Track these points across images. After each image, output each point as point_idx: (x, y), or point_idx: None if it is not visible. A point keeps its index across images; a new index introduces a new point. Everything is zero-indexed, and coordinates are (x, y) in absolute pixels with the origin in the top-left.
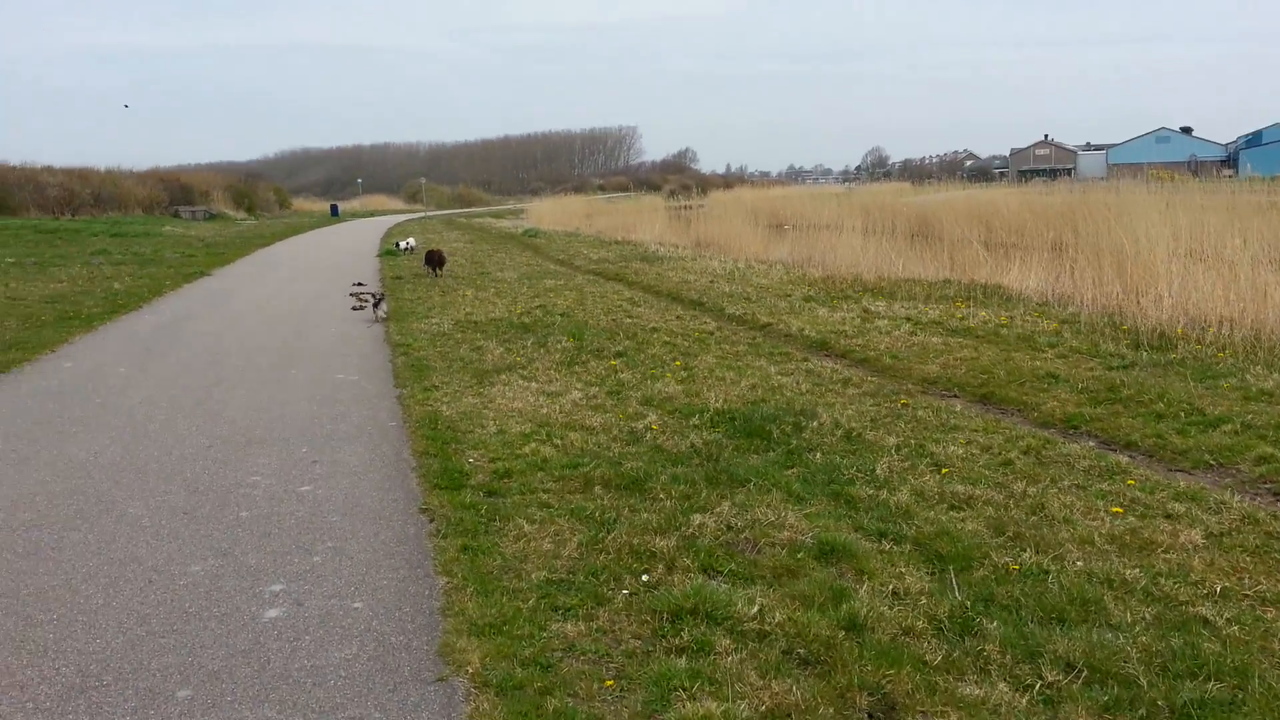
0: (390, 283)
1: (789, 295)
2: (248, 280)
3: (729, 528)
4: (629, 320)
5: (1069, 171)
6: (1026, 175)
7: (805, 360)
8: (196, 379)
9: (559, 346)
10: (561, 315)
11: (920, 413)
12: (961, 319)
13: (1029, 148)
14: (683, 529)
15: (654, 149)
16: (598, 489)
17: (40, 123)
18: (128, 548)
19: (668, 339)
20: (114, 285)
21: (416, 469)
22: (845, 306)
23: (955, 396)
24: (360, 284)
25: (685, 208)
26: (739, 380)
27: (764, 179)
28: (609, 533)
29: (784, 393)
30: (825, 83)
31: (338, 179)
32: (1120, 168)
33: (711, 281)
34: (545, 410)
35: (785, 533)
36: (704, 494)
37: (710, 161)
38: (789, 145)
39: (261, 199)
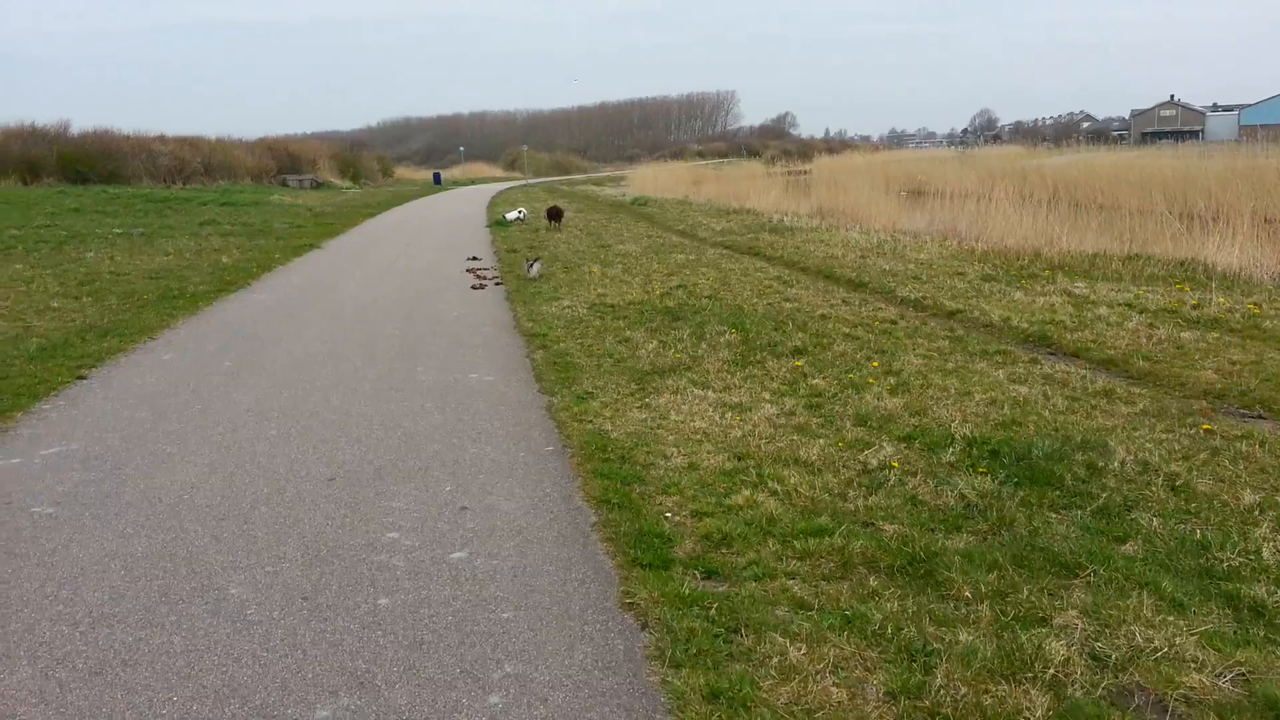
0: (505, 256)
1: (961, 274)
2: (358, 254)
3: (1097, 660)
4: (789, 305)
5: (1196, 134)
6: (1150, 138)
7: (1035, 362)
8: (310, 379)
9: (722, 340)
10: (709, 298)
11: (1241, 445)
12: (1197, 305)
13: (1153, 109)
14: (1033, 665)
15: (752, 114)
16: (864, 572)
17: (154, 93)
18: (224, 666)
19: (847, 331)
20: (221, 259)
21: (598, 526)
22: (1039, 288)
23: (1262, 417)
24: (475, 258)
25: (792, 173)
26: (968, 391)
27: (865, 143)
28: (927, 675)
29: (1037, 411)
30: (929, 42)
31: (438, 147)
32: (1255, 129)
33: (862, 256)
34: (737, 432)
35: (1191, 674)
36: (1025, 590)
37: (809, 126)
38: (890, 108)
39: (366, 168)
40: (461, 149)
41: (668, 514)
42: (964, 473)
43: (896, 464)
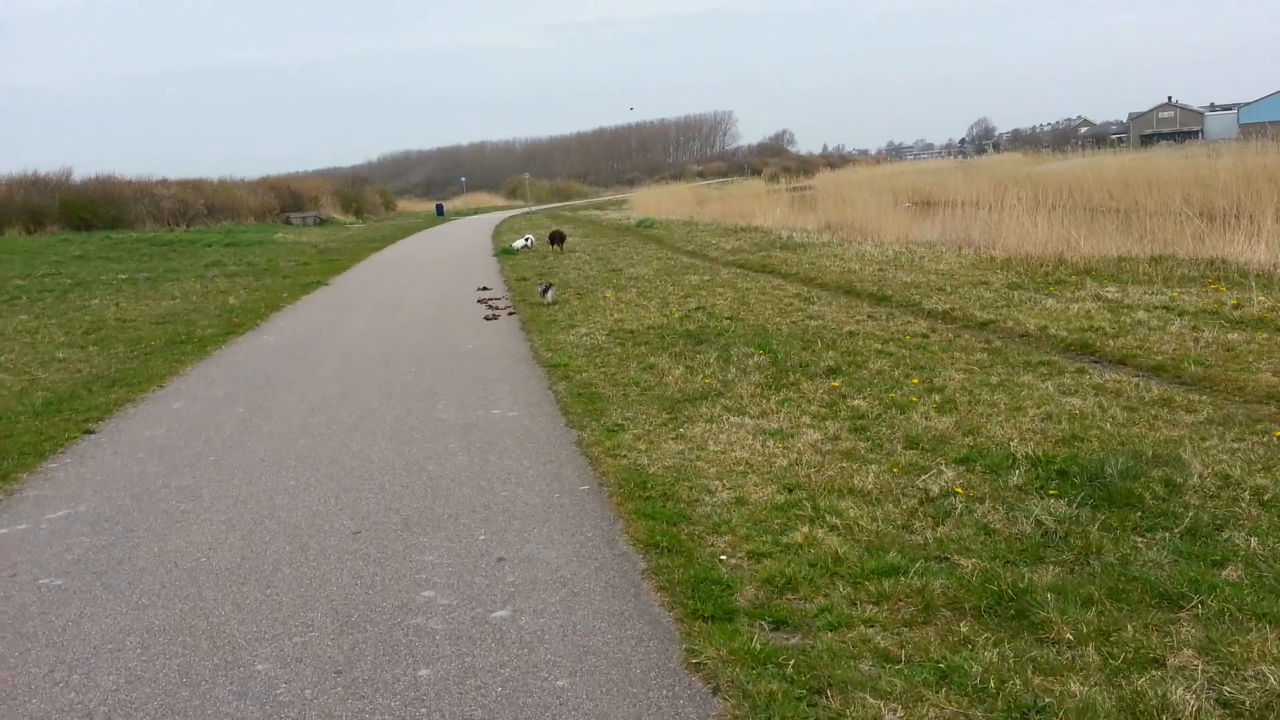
0: (515, 285)
1: (986, 283)
2: (367, 289)
3: (1229, 708)
4: (814, 323)
5: (1196, 134)
6: (1149, 140)
7: (1082, 372)
8: (327, 422)
9: (751, 362)
10: (730, 319)
11: None
12: (1238, 305)
13: (1150, 111)
14: (1160, 719)
15: (750, 133)
16: (949, 615)
17: (153, 137)
18: None
19: (879, 347)
20: (229, 300)
21: (649, 573)
22: (1069, 295)
23: None
24: (485, 288)
25: (795, 189)
26: (1019, 406)
27: (863, 157)
28: None
29: (1097, 424)
30: (924, 56)
31: (438, 179)
32: (1254, 127)
33: (880, 269)
34: (781, 460)
35: None
36: (1129, 627)
37: (807, 142)
38: (887, 122)
39: (368, 202)
40: (463, 179)
41: (722, 556)
42: (1034, 496)
43: (960, 489)
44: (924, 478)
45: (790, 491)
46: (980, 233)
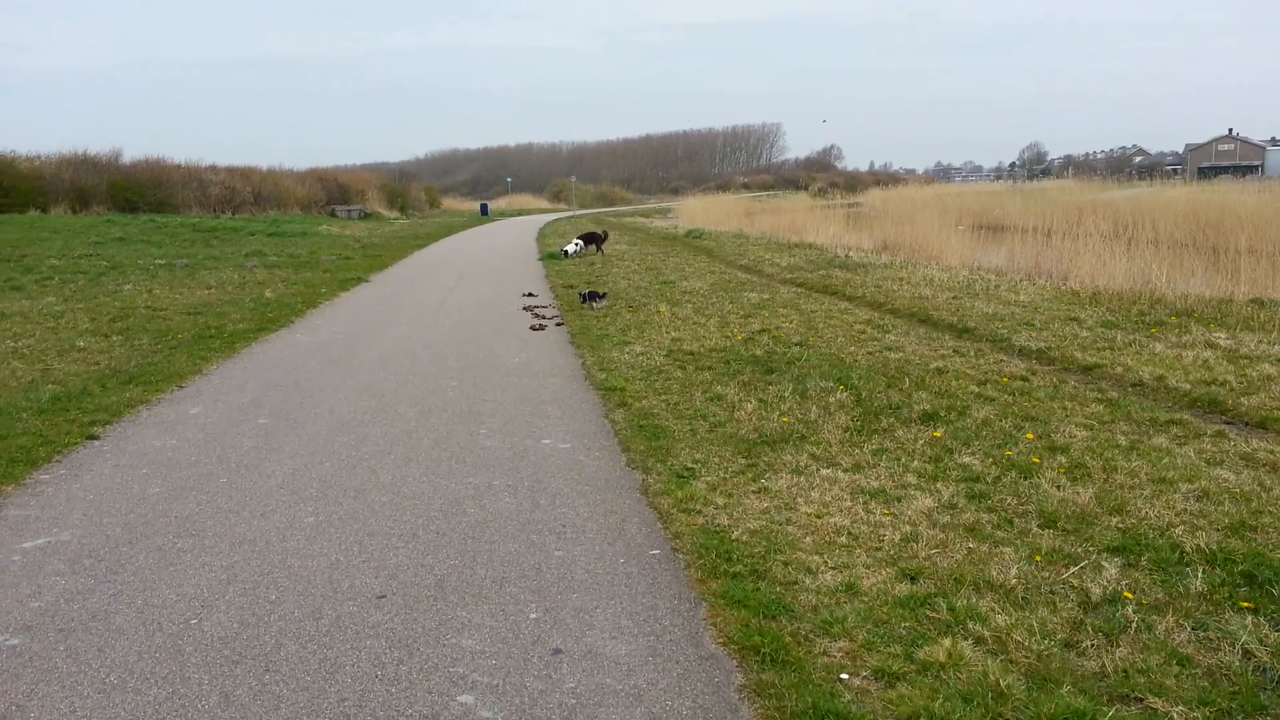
0: (561, 292)
1: (1076, 319)
2: (408, 289)
3: None
4: (894, 356)
5: (1256, 169)
6: (1208, 173)
7: (1221, 437)
8: (356, 443)
9: (833, 400)
10: (799, 345)
11: None
12: None
13: (1209, 143)
14: None
15: (797, 147)
16: None
17: (205, 123)
18: None
19: (976, 389)
20: (265, 293)
21: (749, 693)
22: (1175, 339)
23: None
24: (531, 294)
25: (846, 206)
26: (1163, 478)
27: (910, 176)
28: None
29: (1268, 509)
30: (974, 74)
31: (483, 178)
32: None
33: (954, 297)
34: (892, 533)
35: None
36: None
37: (853, 159)
38: (934, 141)
39: (413, 199)
40: (509, 180)
41: (843, 675)
42: (1225, 609)
43: (1129, 595)
44: (1077, 572)
45: (913, 581)
46: (1053, 262)
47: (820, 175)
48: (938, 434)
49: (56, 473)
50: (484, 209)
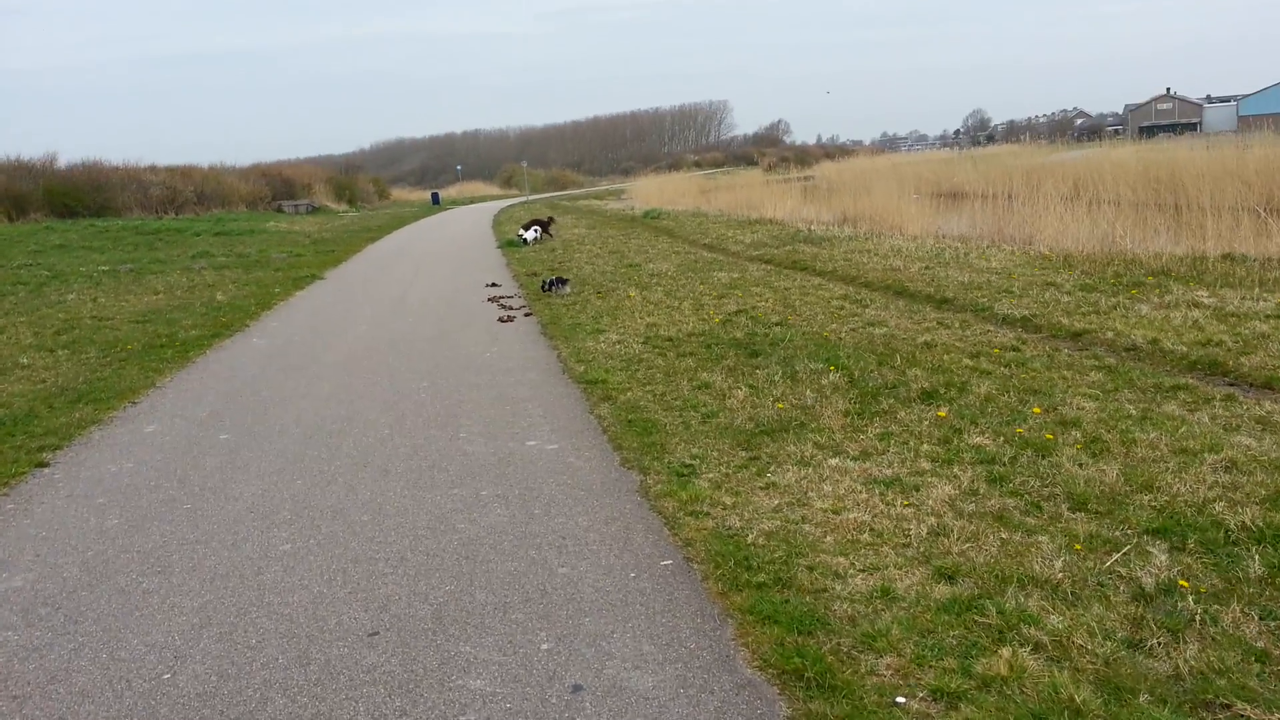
0: (525, 280)
1: (1053, 284)
2: (366, 284)
3: None
4: (879, 331)
5: (1194, 126)
6: (1148, 132)
7: (1232, 400)
8: (328, 456)
9: (826, 382)
10: (779, 324)
11: None
12: None
13: (1148, 102)
14: None
15: (745, 123)
16: None
17: (141, 123)
18: None
19: (970, 363)
20: (216, 296)
21: None
22: (1158, 300)
23: None
24: (494, 284)
25: (800, 179)
26: (1184, 448)
27: (858, 147)
28: None
29: None
30: (917, 45)
31: (431, 167)
32: (1254, 119)
33: (926, 267)
34: (917, 526)
35: None
36: None
37: (801, 133)
38: (880, 113)
39: (362, 190)
40: (459, 168)
41: (899, 698)
42: None
43: (1185, 583)
44: (1121, 559)
45: (951, 581)
46: (1016, 227)
47: (770, 150)
48: (943, 413)
49: (4, 508)
50: (435, 198)
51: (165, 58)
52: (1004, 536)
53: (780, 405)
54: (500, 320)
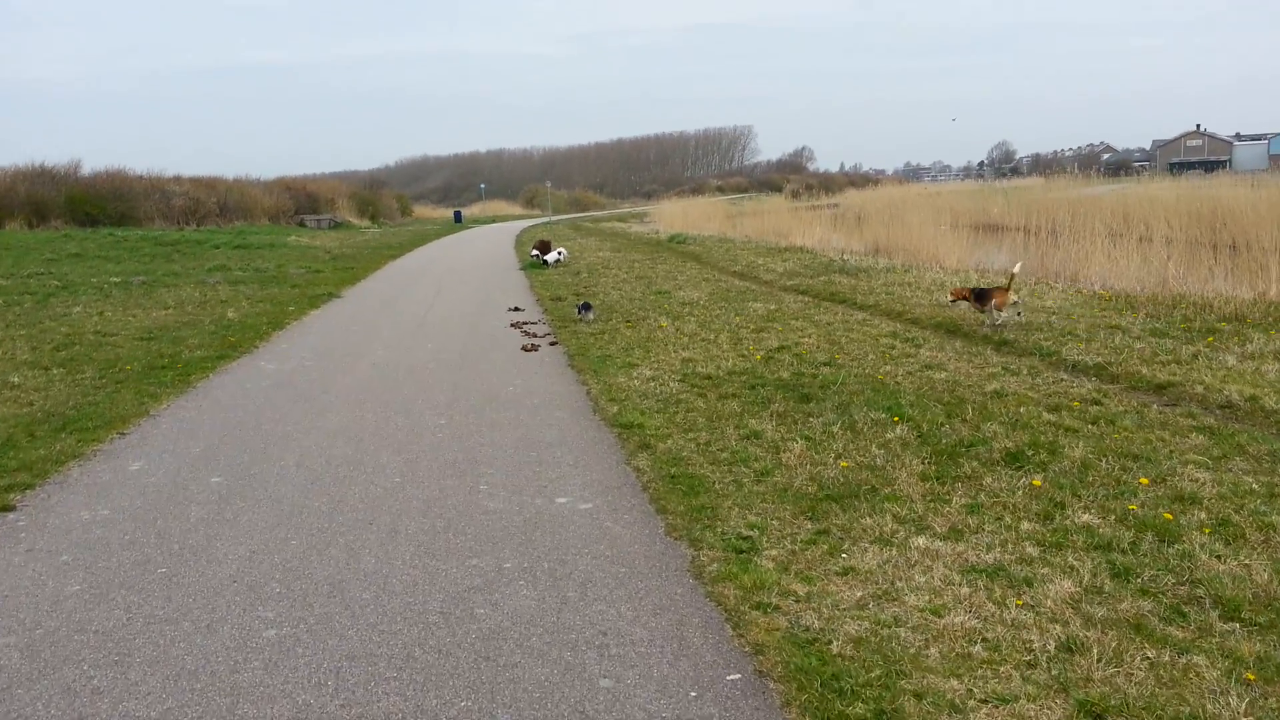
0: (550, 305)
1: (1118, 327)
2: (384, 304)
3: None
4: (939, 376)
5: (1224, 164)
6: (1176, 169)
7: None
8: (330, 507)
9: (892, 437)
10: (827, 364)
11: None
12: None
13: (1178, 139)
14: None
15: (769, 149)
16: None
17: (164, 134)
18: None
19: (1051, 417)
20: (227, 313)
21: None
22: (1239, 349)
23: None
24: (517, 308)
25: (818, 207)
26: None
27: (880, 176)
28: None
29: None
30: (939, 76)
31: (455, 185)
32: None
33: None
34: (1037, 638)
35: None
36: None
37: (824, 160)
38: (903, 143)
39: (384, 207)
40: (483, 186)
41: None
42: None
43: None
44: None
45: None
46: (1060, 262)
47: (794, 177)
48: (1037, 482)
49: None
50: (458, 216)
51: (190, 70)
52: (1150, 655)
53: (844, 464)
54: (524, 349)
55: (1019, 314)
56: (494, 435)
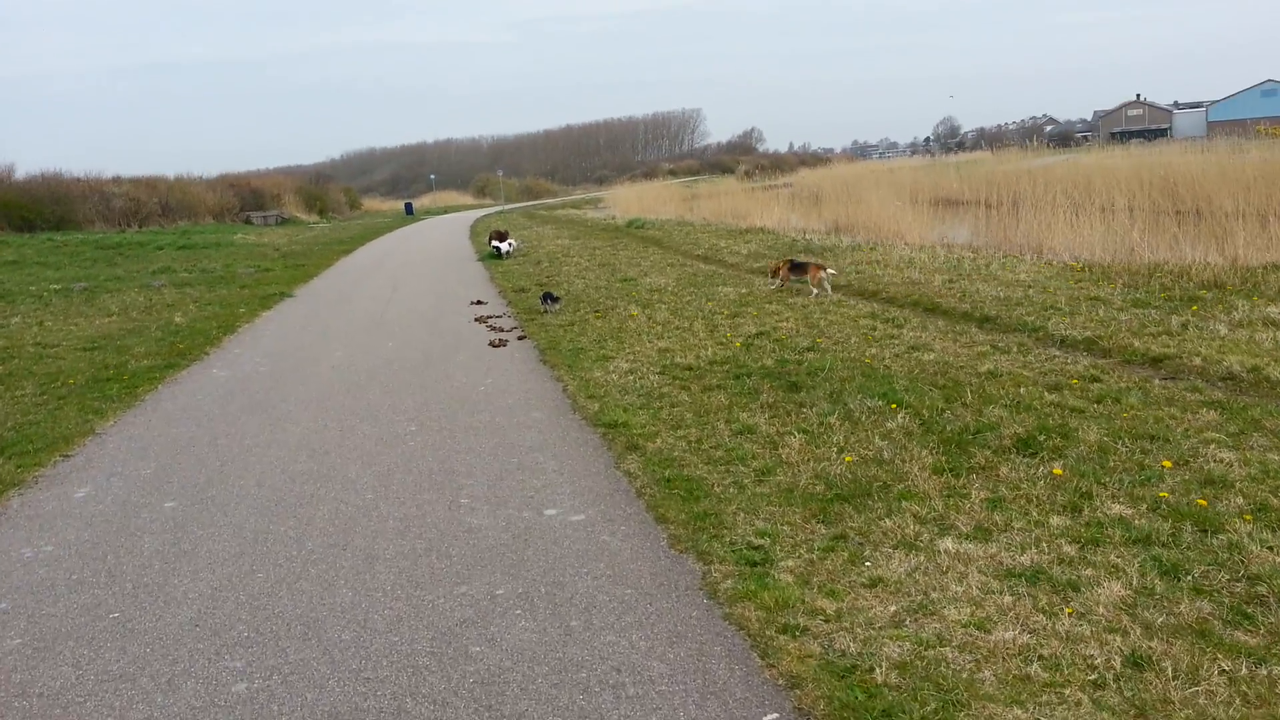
0: (513, 297)
1: (1098, 299)
2: (339, 303)
3: None
4: (928, 358)
5: (1164, 132)
6: (1119, 138)
7: None
8: (297, 534)
9: (892, 426)
10: (810, 350)
11: None
12: None
13: (1119, 109)
14: None
15: (718, 131)
16: None
17: (104, 133)
18: None
19: (1053, 398)
20: (174, 318)
21: None
22: (1227, 316)
23: None
24: (480, 301)
25: (778, 187)
26: None
27: (829, 155)
28: None
29: None
30: (883, 55)
31: (404, 177)
32: (1222, 125)
33: (951, 281)
34: (1100, 654)
35: None
36: None
37: (773, 141)
38: (850, 121)
39: (333, 201)
40: (433, 177)
41: None
42: None
43: None
44: None
45: None
46: (1023, 234)
47: (745, 158)
48: (1058, 470)
49: None
50: (409, 208)
51: (128, 67)
52: (1226, 668)
53: (849, 459)
54: (492, 345)
55: (827, 287)
56: (470, 441)
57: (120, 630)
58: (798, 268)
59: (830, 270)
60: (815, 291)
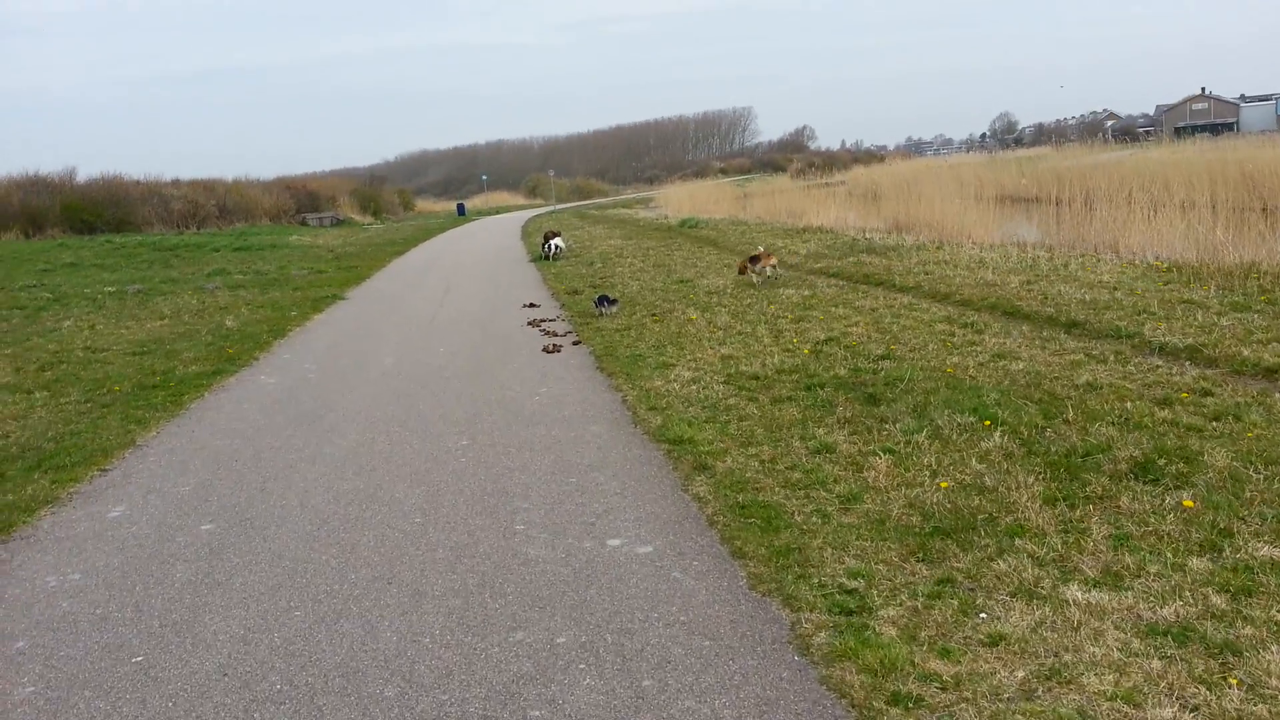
0: (566, 299)
1: (1192, 302)
2: (391, 305)
3: None
4: (1017, 368)
5: (1231, 126)
6: (1183, 132)
7: None
8: (338, 564)
9: (989, 446)
10: (885, 358)
11: None
12: None
13: (1182, 103)
14: None
15: (769, 129)
16: None
17: (162, 138)
18: None
19: (1165, 415)
20: (226, 322)
21: None
22: None
23: None
24: (532, 304)
25: (831, 185)
26: None
27: (883, 152)
28: None
29: None
30: (937, 49)
31: (455, 178)
32: None
33: (1028, 283)
34: None
35: None
36: None
37: (825, 139)
38: (904, 117)
39: (386, 202)
40: (485, 177)
41: None
42: None
43: None
44: None
45: None
46: (1097, 232)
47: (796, 156)
48: (1189, 503)
49: None
50: (461, 209)
51: (185, 74)
52: None
53: (943, 484)
54: (546, 350)
55: (773, 273)
56: (525, 458)
57: (143, 678)
58: (754, 260)
59: (774, 261)
60: (757, 280)
